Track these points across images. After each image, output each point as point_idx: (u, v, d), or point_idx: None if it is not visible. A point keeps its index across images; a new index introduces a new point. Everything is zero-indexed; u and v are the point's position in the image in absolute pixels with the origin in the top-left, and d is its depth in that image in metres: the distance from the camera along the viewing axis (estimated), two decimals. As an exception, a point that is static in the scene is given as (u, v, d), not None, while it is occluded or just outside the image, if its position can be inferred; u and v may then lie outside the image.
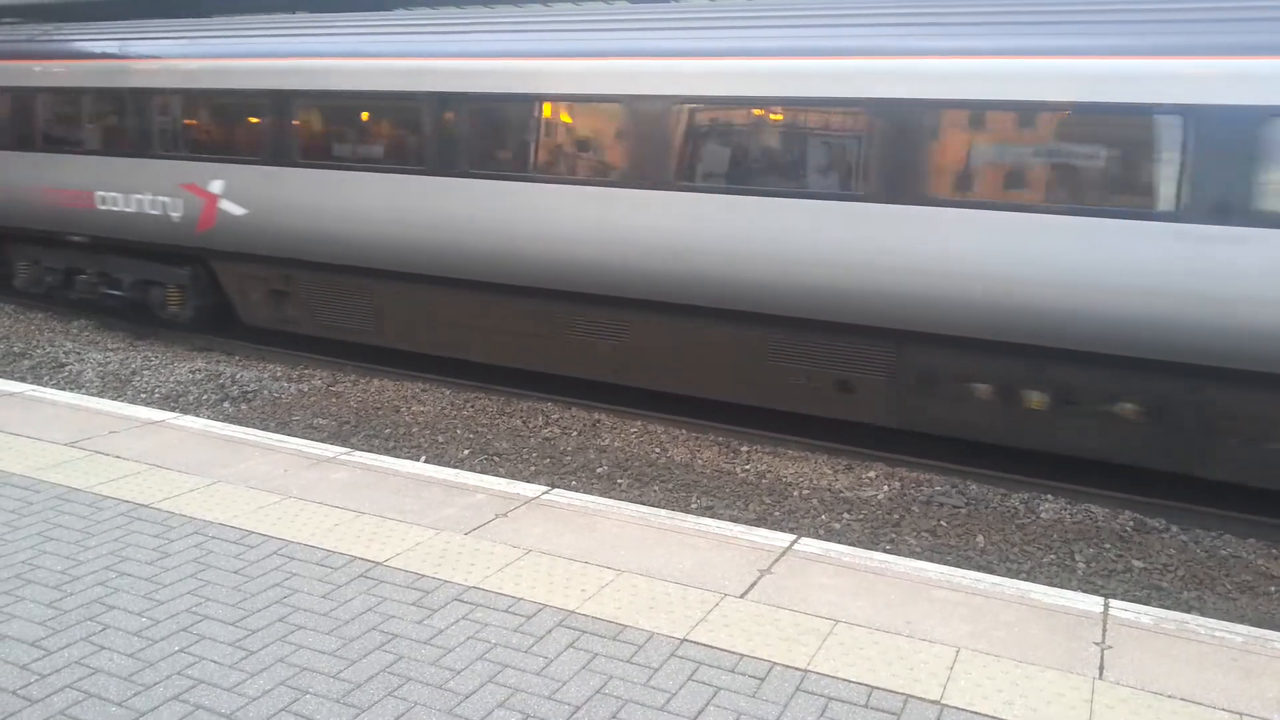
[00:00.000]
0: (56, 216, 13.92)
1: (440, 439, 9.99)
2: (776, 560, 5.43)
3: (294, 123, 11.70)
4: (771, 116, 9.05)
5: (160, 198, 12.75)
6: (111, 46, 13.56)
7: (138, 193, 12.94)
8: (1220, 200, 7.45)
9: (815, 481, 9.02)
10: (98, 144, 13.54)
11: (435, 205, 10.78)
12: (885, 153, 8.49)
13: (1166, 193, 7.63)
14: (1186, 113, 7.49)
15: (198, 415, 9.93)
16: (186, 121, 12.71)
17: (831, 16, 9.10)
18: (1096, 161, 7.92)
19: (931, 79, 8.31)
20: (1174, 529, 8.15)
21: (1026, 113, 8.07)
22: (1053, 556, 7.69)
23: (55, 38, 14.48)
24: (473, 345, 11.33)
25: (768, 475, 9.16)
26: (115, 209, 13.24)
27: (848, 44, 8.74)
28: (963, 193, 8.34)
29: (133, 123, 12.98)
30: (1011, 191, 8.19)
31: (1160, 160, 7.65)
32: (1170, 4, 8.06)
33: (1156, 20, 7.86)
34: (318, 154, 11.62)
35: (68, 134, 14.00)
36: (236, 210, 12.12)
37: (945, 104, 8.28)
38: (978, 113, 8.24)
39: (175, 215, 12.59)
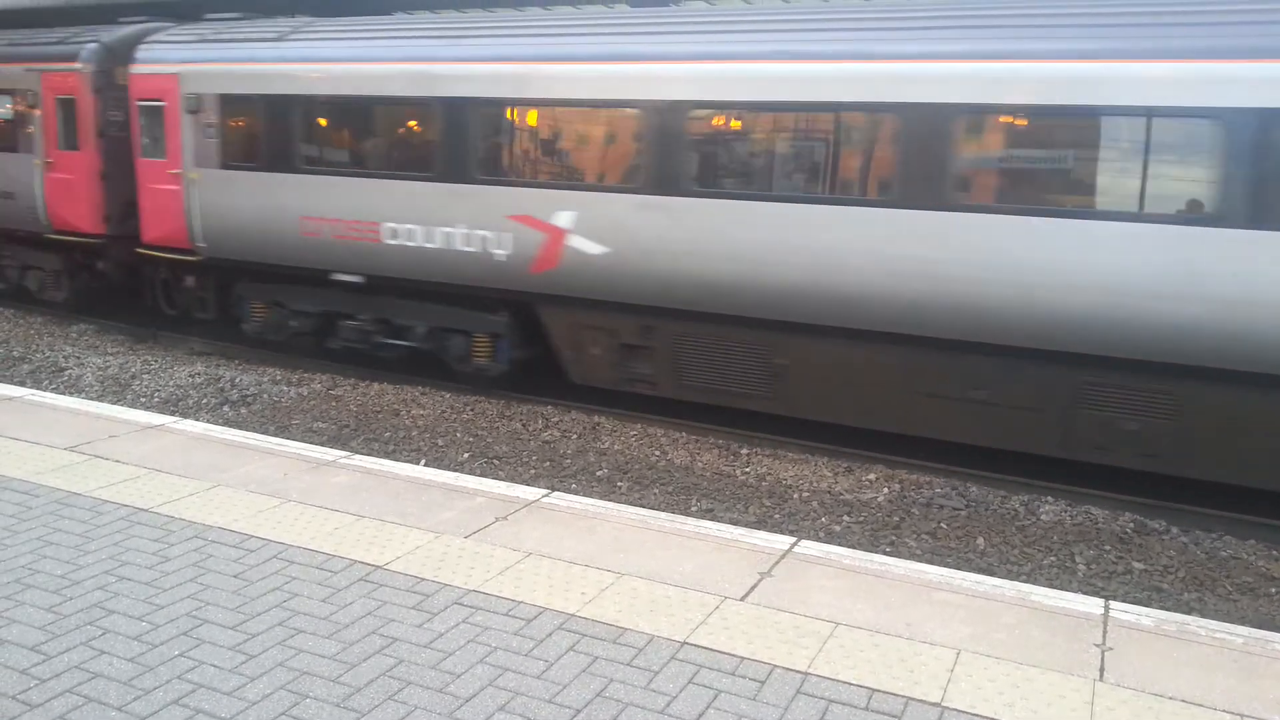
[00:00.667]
0: (318, 252, 11.79)
1: (440, 442, 9.99)
2: (777, 563, 5.43)
3: (690, 141, 9.59)
4: None
5: (480, 231, 10.59)
6: (412, 45, 11.30)
7: (447, 225, 10.78)
8: None
9: (815, 484, 9.02)
10: (386, 165, 11.41)
11: (901, 246, 8.69)
12: None
13: None
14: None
15: (197, 419, 9.93)
16: (521, 140, 10.71)
17: None
18: None
19: None
20: (1174, 531, 8.14)
21: None
22: (1053, 558, 7.68)
23: (321, 32, 12.23)
24: (933, 418, 9.17)
25: (768, 478, 9.16)
26: (410, 244, 11.07)
27: None
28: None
29: (442, 141, 10.83)
30: None
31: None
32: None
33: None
34: (716, 179, 9.60)
35: (343, 152, 11.82)
36: (592, 248, 10.00)
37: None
38: None
39: (500, 252, 10.47)
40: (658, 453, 9.78)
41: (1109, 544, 7.90)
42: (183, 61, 12.82)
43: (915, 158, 8.60)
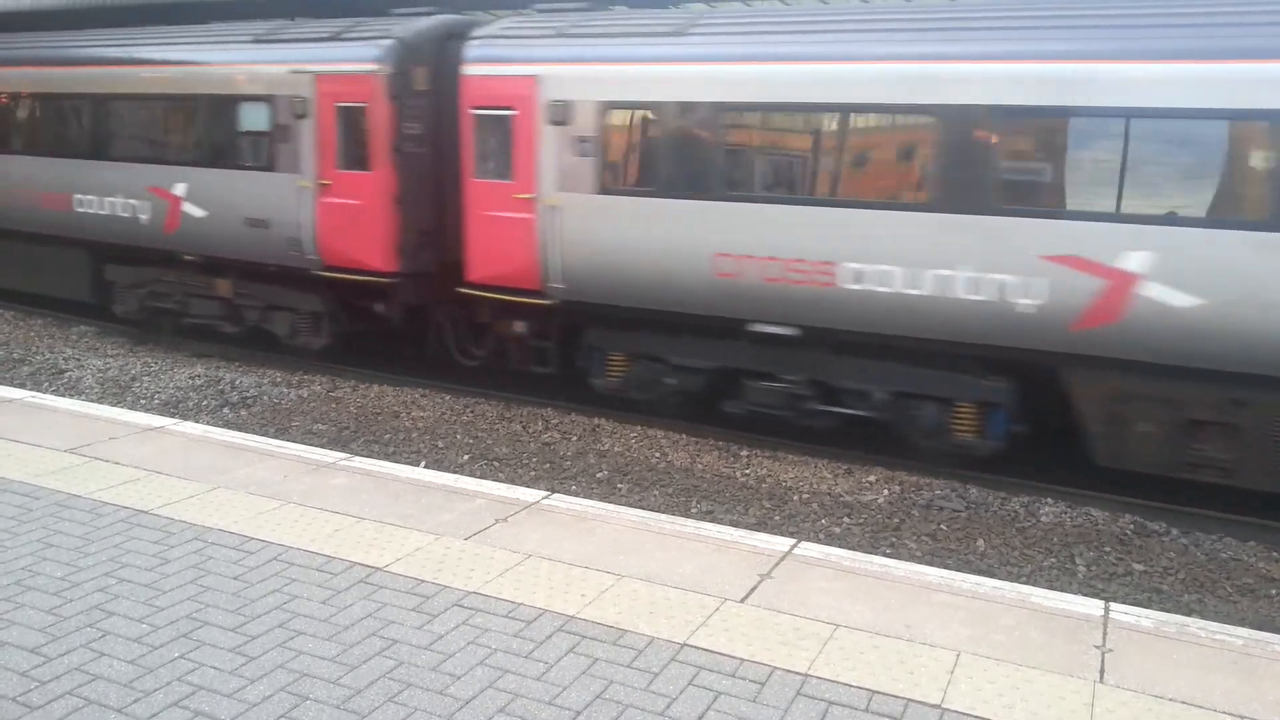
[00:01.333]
0: (736, 296, 9.39)
1: (440, 444, 9.99)
2: (777, 564, 5.43)
3: None
4: None
5: (997, 276, 8.32)
6: (896, 41, 8.84)
7: (946, 268, 8.45)
8: None
9: (815, 486, 9.02)
10: (853, 191, 9.04)
11: None
12: None
13: None
14: None
15: (197, 421, 9.93)
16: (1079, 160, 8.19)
17: None
18: None
19: None
20: (1174, 532, 8.14)
21: None
22: (1053, 560, 7.68)
23: (737, 25, 9.83)
24: None
25: (768, 480, 9.16)
26: (882, 290, 8.73)
27: None
28: None
29: (945, 160, 8.45)
30: None
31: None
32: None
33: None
34: None
35: (784, 176, 9.45)
36: (1178, 299, 7.75)
37: None
38: None
39: (1030, 302, 8.18)
40: (658, 454, 9.79)
41: (1109, 546, 7.90)
42: (543, 61, 10.35)
43: None
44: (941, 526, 8.21)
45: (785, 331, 9.34)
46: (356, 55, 11.35)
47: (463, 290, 11.03)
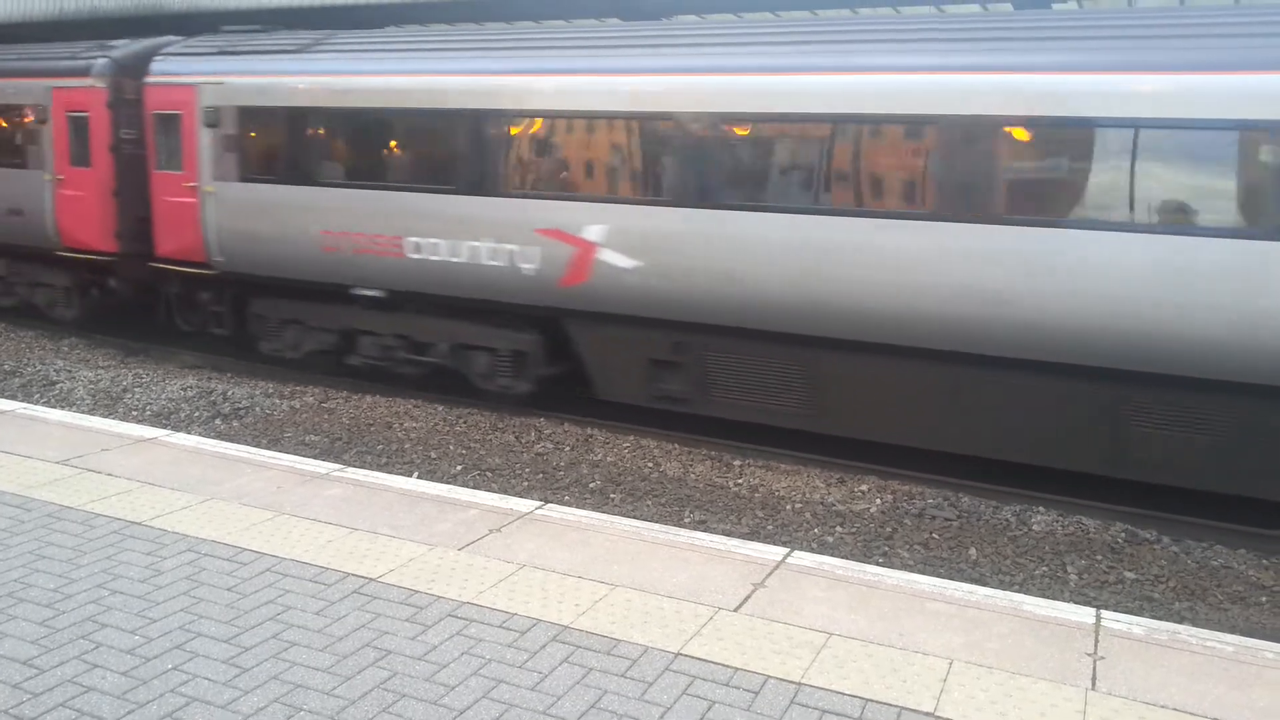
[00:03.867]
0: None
1: (433, 455, 9.99)
2: (770, 574, 5.44)
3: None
4: None
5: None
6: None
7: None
8: None
9: (808, 495, 9.04)
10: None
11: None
12: None
13: None
14: None
15: (189, 432, 9.91)
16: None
17: None
18: None
19: None
20: (1165, 540, 8.18)
21: None
22: (1045, 568, 7.71)
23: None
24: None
25: (760, 489, 9.17)
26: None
27: None
28: None
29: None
30: None
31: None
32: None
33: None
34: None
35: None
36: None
37: None
38: None
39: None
40: (650, 464, 9.80)
41: (1100, 554, 7.93)
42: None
43: None
44: (934, 535, 8.23)
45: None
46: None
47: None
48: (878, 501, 8.90)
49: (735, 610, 5.01)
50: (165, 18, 17.40)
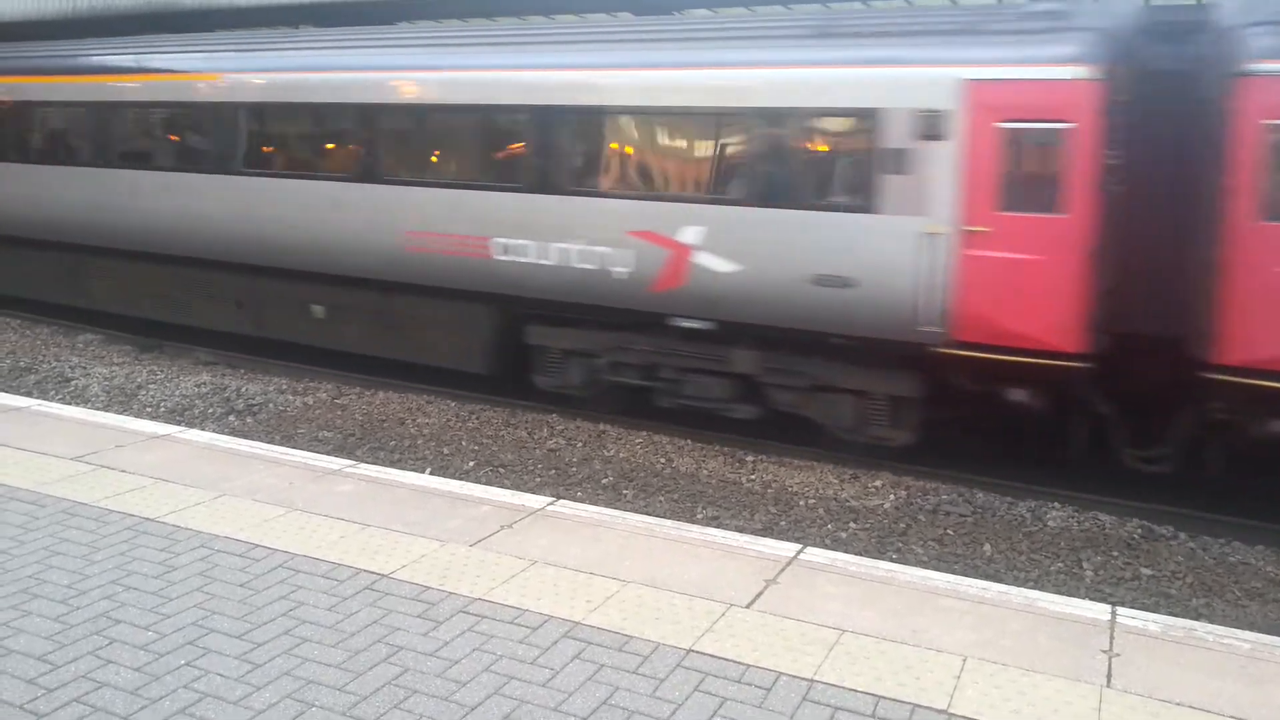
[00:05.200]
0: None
1: (445, 451, 10.00)
2: (782, 570, 5.42)
3: None
4: None
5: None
6: None
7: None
8: None
9: (821, 491, 9.01)
10: None
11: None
12: None
13: None
14: None
15: (203, 429, 9.94)
16: None
17: None
18: None
19: None
20: (1182, 536, 8.12)
21: None
22: (1060, 564, 7.66)
23: None
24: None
25: (773, 485, 9.15)
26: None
27: None
28: None
29: None
30: None
31: None
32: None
33: None
34: None
35: None
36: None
37: None
38: None
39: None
40: (663, 460, 9.78)
41: (1116, 550, 7.88)
42: None
43: None
44: (948, 531, 8.19)
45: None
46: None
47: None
48: (891, 497, 8.87)
49: (747, 607, 5.00)
50: (178, 14, 17.26)
